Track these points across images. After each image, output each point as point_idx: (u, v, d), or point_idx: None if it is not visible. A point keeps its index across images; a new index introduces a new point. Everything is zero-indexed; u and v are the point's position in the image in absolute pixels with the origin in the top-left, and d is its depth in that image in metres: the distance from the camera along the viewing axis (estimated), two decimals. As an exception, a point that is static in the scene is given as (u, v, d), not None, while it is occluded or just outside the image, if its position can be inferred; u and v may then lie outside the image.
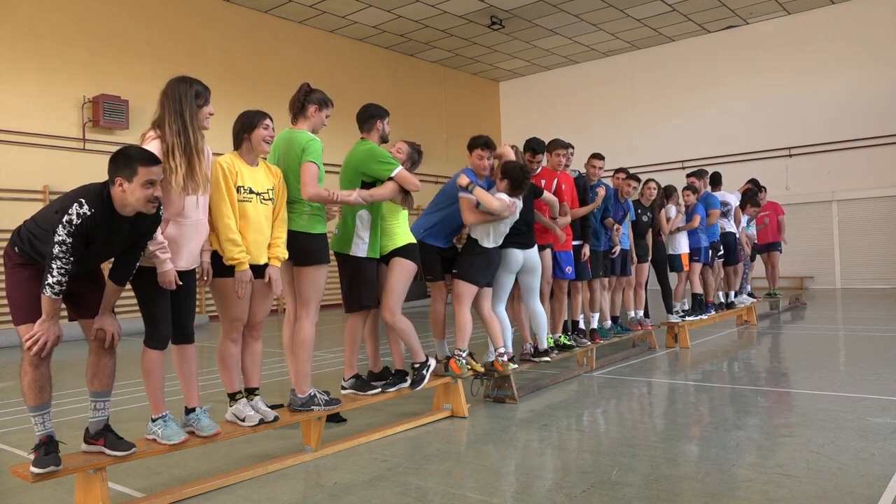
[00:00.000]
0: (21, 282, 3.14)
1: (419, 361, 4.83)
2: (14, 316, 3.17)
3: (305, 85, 4.33)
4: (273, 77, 15.89)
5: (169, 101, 3.50)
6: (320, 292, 4.24)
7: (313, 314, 4.22)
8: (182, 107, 3.49)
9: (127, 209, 3.11)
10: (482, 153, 5.30)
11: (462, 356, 5.11)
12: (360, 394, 4.65)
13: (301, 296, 4.23)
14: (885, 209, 16.47)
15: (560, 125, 19.58)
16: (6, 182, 11.83)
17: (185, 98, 3.51)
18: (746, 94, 18.03)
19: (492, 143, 5.39)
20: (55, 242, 2.97)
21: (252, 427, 3.82)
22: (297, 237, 4.14)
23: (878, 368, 6.28)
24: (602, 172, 7.07)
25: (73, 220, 2.97)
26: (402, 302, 4.76)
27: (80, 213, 2.98)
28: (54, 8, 12.62)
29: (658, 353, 7.82)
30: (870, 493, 3.19)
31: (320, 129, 4.35)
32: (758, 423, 4.60)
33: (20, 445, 4.63)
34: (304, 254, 4.15)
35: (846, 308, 12.48)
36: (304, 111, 4.27)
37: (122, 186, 3.07)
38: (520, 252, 5.58)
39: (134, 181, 3.05)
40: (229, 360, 3.90)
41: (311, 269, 4.17)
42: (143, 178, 3.06)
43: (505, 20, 16.80)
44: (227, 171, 3.78)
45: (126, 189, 3.06)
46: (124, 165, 3.08)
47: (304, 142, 4.11)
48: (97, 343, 3.33)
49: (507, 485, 3.58)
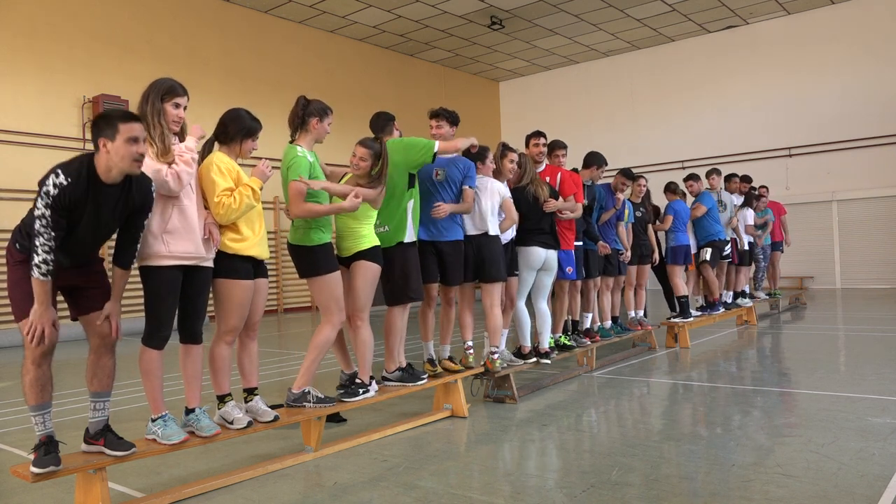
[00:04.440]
0: (21, 279, 3.14)
1: (362, 379, 4.55)
2: (15, 314, 3.17)
3: (302, 98, 4.32)
4: (273, 77, 15.90)
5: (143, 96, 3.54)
6: (336, 297, 4.27)
7: (335, 320, 4.28)
8: (146, 100, 3.50)
9: (113, 172, 3.07)
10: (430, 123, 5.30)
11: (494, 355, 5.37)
12: (409, 385, 4.78)
13: (318, 304, 4.35)
14: (885, 209, 16.47)
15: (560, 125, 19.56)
16: (6, 182, 11.83)
17: (150, 95, 3.51)
18: (746, 94, 18.03)
19: (439, 113, 5.29)
20: (35, 217, 2.95)
21: (240, 430, 3.78)
22: (297, 250, 4.26)
23: (878, 368, 6.28)
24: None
25: (50, 191, 2.94)
26: (368, 307, 4.56)
27: (56, 184, 2.95)
28: (54, 8, 12.62)
29: (658, 353, 7.82)
30: (870, 493, 3.19)
31: (324, 138, 4.37)
32: (758, 423, 4.60)
33: (20, 445, 4.63)
34: (305, 266, 4.26)
35: (846, 308, 12.48)
36: (305, 125, 4.28)
37: (105, 147, 3.05)
38: (543, 251, 5.76)
39: (117, 139, 3.04)
40: (221, 363, 3.89)
41: (316, 280, 4.24)
42: (125, 134, 3.05)
43: (505, 20, 16.80)
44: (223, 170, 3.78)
45: (110, 149, 3.04)
46: (105, 126, 3.07)
47: (289, 160, 4.17)
48: (97, 342, 3.33)
49: (507, 485, 3.58)
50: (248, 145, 3.92)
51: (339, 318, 4.31)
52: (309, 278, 4.26)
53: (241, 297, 3.80)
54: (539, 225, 5.82)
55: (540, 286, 5.91)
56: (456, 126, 5.27)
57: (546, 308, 5.95)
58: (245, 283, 3.81)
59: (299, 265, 4.28)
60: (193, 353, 3.72)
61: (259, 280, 3.96)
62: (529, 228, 5.77)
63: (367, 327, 4.58)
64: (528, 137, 6.38)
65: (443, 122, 5.18)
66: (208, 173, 3.71)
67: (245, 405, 3.97)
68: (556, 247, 5.92)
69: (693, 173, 9.43)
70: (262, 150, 4.41)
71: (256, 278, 3.93)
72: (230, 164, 3.82)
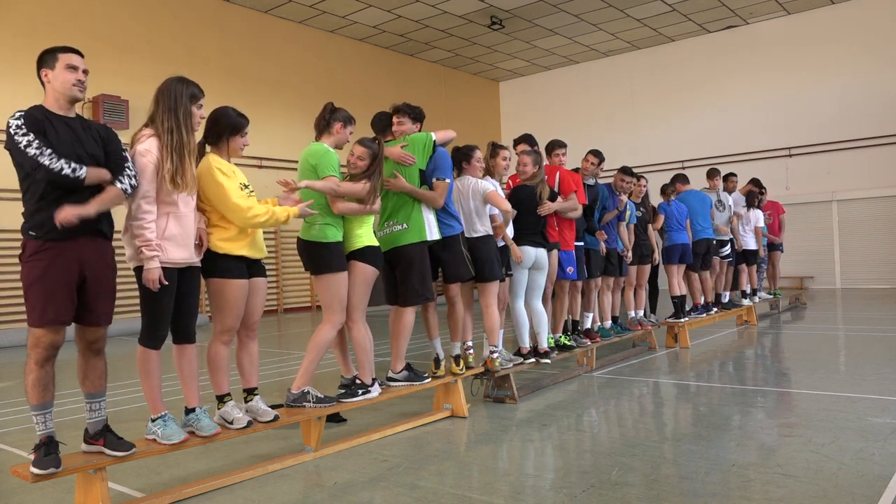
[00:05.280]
0: (39, 278, 3.06)
1: (362, 380, 4.53)
2: (30, 317, 3.10)
3: (330, 104, 4.48)
4: (273, 77, 15.89)
5: (164, 98, 3.51)
6: (340, 298, 4.31)
7: (335, 320, 4.33)
8: (177, 105, 3.50)
9: (61, 102, 3.20)
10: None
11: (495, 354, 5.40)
12: (416, 384, 4.84)
13: (322, 302, 4.38)
14: (885, 209, 16.47)
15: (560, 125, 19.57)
16: (6, 182, 11.81)
17: (181, 97, 3.52)
18: (746, 94, 18.03)
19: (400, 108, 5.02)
20: (24, 149, 3.01)
21: (239, 430, 3.78)
22: (310, 247, 4.32)
23: (878, 368, 6.28)
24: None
25: (17, 123, 3.06)
26: (360, 308, 4.49)
27: (16, 116, 3.09)
28: (54, 8, 12.62)
29: (658, 353, 7.82)
30: (870, 493, 3.19)
31: (344, 144, 4.50)
32: (758, 423, 4.60)
33: (20, 445, 4.63)
34: (317, 262, 4.31)
35: (846, 308, 12.48)
36: (329, 128, 4.43)
37: (47, 77, 3.21)
38: (533, 250, 5.75)
39: (56, 67, 3.20)
40: (219, 362, 3.88)
41: (326, 276, 4.29)
42: (64, 62, 3.19)
43: (505, 20, 16.80)
44: (227, 172, 3.78)
45: (51, 78, 3.20)
46: (47, 58, 3.23)
47: (318, 155, 4.30)
48: (84, 345, 3.31)
49: (507, 485, 3.58)
50: (236, 142, 3.89)
51: (340, 318, 4.34)
52: (318, 275, 4.31)
53: (234, 296, 3.79)
54: (532, 225, 5.82)
55: (533, 285, 5.88)
56: (420, 122, 5.08)
57: (541, 307, 5.93)
58: (237, 283, 3.79)
59: (310, 261, 4.34)
60: (188, 353, 3.71)
61: (257, 279, 3.96)
62: (522, 228, 5.78)
63: (361, 328, 4.51)
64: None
65: (404, 117, 4.99)
66: (211, 178, 3.69)
67: (245, 405, 3.97)
68: (546, 245, 5.90)
69: (679, 174, 9.38)
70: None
71: (254, 277, 3.93)
72: (228, 166, 3.82)
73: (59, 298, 3.09)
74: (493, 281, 5.35)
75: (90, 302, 3.23)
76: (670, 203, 8.58)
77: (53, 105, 3.22)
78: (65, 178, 3.04)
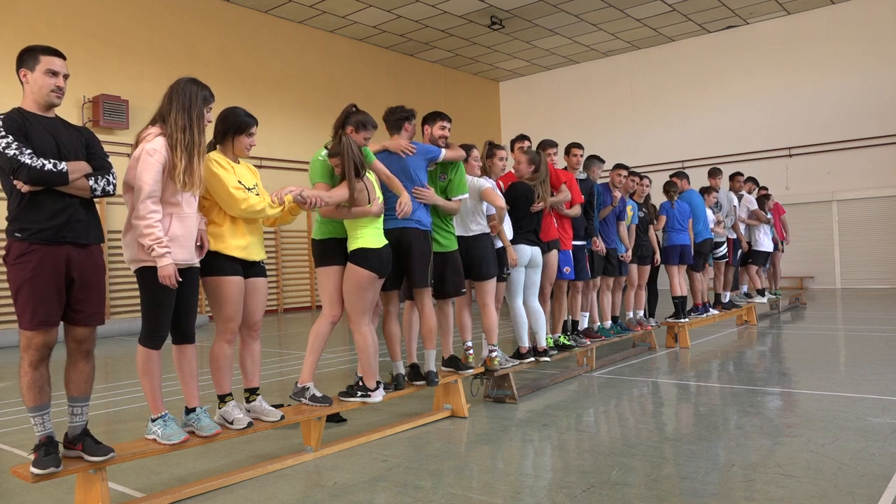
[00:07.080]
0: (28, 279, 3.05)
1: (366, 383, 4.47)
2: (20, 319, 3.10)
3: (350, 106, 4.54)
4: (273, 77, 15.89)
5: (178, 97, 3.52)
6: (327, 292, 4.44)
7: (327, 313, 4.46)
8: (191, 105, 3.52)
9: (40, 103, 3.18)
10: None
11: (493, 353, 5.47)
12: (462, 372, 5.07)
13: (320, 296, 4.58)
14: (885, 209, 16.47)
15: (560, 125, 19.61)
16: None
17: (196, 98, 3.54)
18: (746, 94, 18.02)
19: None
20: (3, 151, 2.97)
21: (240, 430, 3.78)
22: (311, 243, 4.69)
23: (878, 368, 6.28)
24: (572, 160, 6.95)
25: None
26: (359, 311, 4.37)
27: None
28: (54, 8, 12.62)
29: (658, 353, 7.82)
30: (870, 493, 3.19)
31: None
32: (758, 423, 4.60)
33: (20, 445, 4.64)
34: (314, 256, 4.61)
35: (846, 308, 12.48)
36: (342, 129, 4.47)
37: (26, 77, 3.17)
38: (528, 248, 5.76)
39: (36, 69, 3.16)
40: (222, 362, 3.89)
41: (317, 271, 4.57)
42: (44, 66, 3.16)
43: (505, 20, 16.80)
44: (224, 165, 3.79)
45: (30, 79, 3.16)
46: (28, 57, 3.18)
47: (311, 165, 4.55)
48: (73, 346, 3.30)
49: (507, 485, 3.58)
50: (241, 142, 3.90)
51: (331, 311, 4.45)
52: (315, 268, 4.58)
53: (229, 294, 3.79)
54: (526, 223, 5.83)
55: (529, 284, 5.88)
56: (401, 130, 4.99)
57: (538, 306, 5.92)
58: (231, 280, 3.79)
59: (313, 256, 4.64)
60: (187, 353, 3.71)
61: (257, 279, 3.96)
62: (516, 225, 5.79)
63: (361, 330, 4.40)
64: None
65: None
66: (208, 170, 3.72)
67: (247, 405, 3.97)
68: (541, 244, 5.92)
69: (680, 171, 9.36)
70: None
71: (254, 277, 3.94)
72: (227, 161, 3.84)
73: (48, 300, 3.08)
74: (491, 279, 5.35)
75: (78, 302, 3.21)
76: (673, 204, 8.57)
77: (32, 106, 3.19)
78: (48, 175, 3.02)
